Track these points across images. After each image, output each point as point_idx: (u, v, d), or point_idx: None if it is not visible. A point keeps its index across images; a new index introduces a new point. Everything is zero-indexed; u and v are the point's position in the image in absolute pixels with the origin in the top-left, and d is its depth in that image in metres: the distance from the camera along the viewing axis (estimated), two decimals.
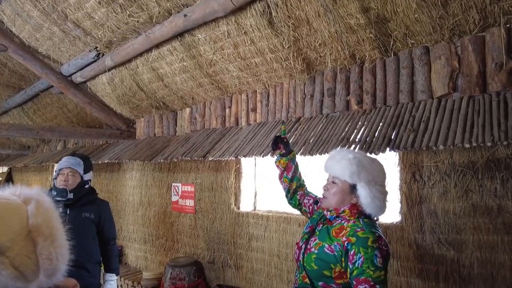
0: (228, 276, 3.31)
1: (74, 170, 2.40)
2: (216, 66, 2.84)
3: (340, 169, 1.42)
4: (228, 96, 3.21)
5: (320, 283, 1.38)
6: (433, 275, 2.11)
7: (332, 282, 1.36)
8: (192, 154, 3.02)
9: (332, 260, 1.35)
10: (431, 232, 2.12)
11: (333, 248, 1.37)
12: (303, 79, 2.60)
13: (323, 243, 1.41)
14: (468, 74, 1.92)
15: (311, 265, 1.40)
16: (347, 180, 1.41)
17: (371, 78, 2.29)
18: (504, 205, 1.89)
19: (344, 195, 1.43)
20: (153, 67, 3.30)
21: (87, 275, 2.28)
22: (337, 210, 1.45)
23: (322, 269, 1.36)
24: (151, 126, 4.18)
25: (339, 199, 1.44)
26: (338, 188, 1.44)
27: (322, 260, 1.37)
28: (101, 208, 2.52)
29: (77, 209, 2.37)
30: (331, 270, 1.35)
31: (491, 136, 1.62)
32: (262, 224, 3.03)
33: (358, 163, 1.40)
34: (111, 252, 2.55)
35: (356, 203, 1.43)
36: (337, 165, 1.44)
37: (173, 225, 3.92)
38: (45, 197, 0.80)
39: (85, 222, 2.37)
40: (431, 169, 2.12)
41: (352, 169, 1.39)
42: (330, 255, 1.36)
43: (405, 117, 2.04)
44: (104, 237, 2.50)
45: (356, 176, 1.39)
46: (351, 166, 1.39)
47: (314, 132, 2.41)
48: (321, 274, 1.37)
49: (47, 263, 0.71)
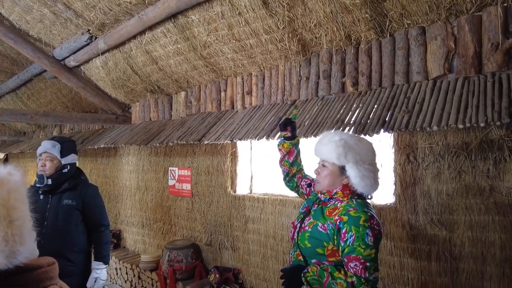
0: (225, 257, 3.36)
1: (50, 155, 2.28)
2: (211, 48, 2.80)
3: (327, 152, 1.45)
4: (223, 79, 3.18)
5: (313, 260, 1.42)
6: (425, 254, 2.15)
7: (324, 260, 1.39)
8: (188, 138, 3.01)
9: (325, 238, 1.38)
10: (424, 213, 2.15)
11: (326, 226, 1.40)
12: (298, 61, 2.57)
13: (316, 222, 1.44)
14: (464, 54, 1.91)
15: (305, 243, 1.43)
16: (335, 162, 1.44)
17: (367, 59, 2.27)
18: (496, 185, 1.91)
19: (335, 177, 1.46)
20: (146, 50, 3.25)
21: (68, 264, 2.18)
22: (329, 192, 1.47)
23: (315, 247, 1.40)
24: (146, 110, 4.16)
25: (330, 182, 1.46)
26: (328, 171, 1.47)
27: (315, 238, 1.40)
28: (85, 194, 2.35)
29: (57, 196, 2.24)
30: (324, 248, 1.38)
31: (485, 116, 1.62)
32: (258, 206, 3.05)
33: (344, 145, 1.42)
34: (99, 239, 2.41)
35: (347, 183, 1.45)
36: (324, 149, 1.47)
37: (170, 209, 3.95)
38: (15, 177, 0.77)
39: (65, 209, 2.23)
40: (425, 150, 2.13)
41: (338, 151, 1.41)
42: (323, 233, 1.39)
43: (400, 99, 2.03)
44: (91, 223, 2.37)
45: (343, 158, 1.41)
46: (337, 148, 1.42)
47: (309, 114, 2.40)
48: (314, 252, 1.40)
49: (2, 244, 0.70)
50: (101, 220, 2.45)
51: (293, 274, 1.39)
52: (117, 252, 4.49)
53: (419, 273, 2.17)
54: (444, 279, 2.08)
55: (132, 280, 3.98)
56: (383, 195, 2.38)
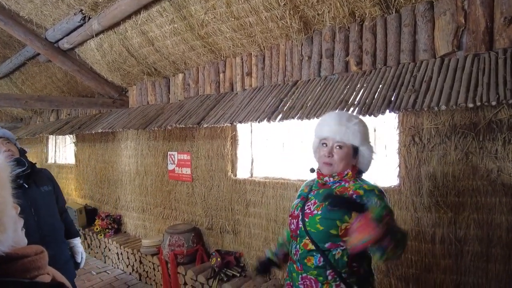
0: (226, 241, 3.35)
1: (8, 140, 2.10)
2: (208, 27, 2.69)
3: (350, 133, 1.39)
4: (222, 60, 3.08)
5: (326, 244, 1.35)
6: (429, 237, 2.12)
7: (339, 241, 1.34)
8: (186, 122, 2.94)
9: (338, 216, 1.32)
10: (429, 195, 2.10)
11: None
12: (300, 39, 2.47)
13: (325, 203, 1.35)
14: (475, 30, 1.82)
15: (316, 226, 1.36)
16: (356, 143, 1.40)
17: (371, 37, 2.17)
18: (504, 167, 1.86)
19: (349, 158, 1.42)
20: (142, 31, 3.14)
21: (66, 248, 2.20)
22: (341, 174, 1.42)
23: (328, 229, 1.33)
24: (143, 94, 4.07)
25: (345, 164, 1.41)
26: (344, 152, 1.40)
27: (328, 218, 1.34)
28: (51, 178, 2.31)
29: (34, 184, 2.11)
30: (337, 228, 1.32)
31: (496, 94, 1.55)
32: (259, 190, 3.01)
33: (364, 126, 1.42)
34: (69, 218, 2.40)
35: (355, 164, 1.44)
36: (346, 130, 1.39)
37: (170, 193, 3.92)
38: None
39: (47, 195, 2.16)
40: (431, 131, 2.07)
41: (363, 132, 1.40)
42: (336, 211, 1.32)
43: (406, 78, 1.96)
44: (60, 205, 2.32)
45: (364, 139, 1.41)
46: (360, 129, 1.39)
47: (311, 95, 2.32)
48: (328, 234, 1.34)
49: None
50: (64, 199, 2.45)
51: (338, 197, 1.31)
52: (118, 237, 4.50)
53: (423, 255, 2.15)
54: (448, 261, 2.06)
55: (134, 265, 4.00)
56: (387, 177, 2.34)
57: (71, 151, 6.26)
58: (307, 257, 1.39)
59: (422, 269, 2.15)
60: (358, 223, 1.13)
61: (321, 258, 1.35)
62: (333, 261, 1.34)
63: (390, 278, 2.29)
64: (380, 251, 1.15)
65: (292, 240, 1.51)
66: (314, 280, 1.37)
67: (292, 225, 1.48)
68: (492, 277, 1.92)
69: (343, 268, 1.34)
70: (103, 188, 5.14)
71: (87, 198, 5.59)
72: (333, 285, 1.34)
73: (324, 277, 1.35)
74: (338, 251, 1.35)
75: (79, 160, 5.74)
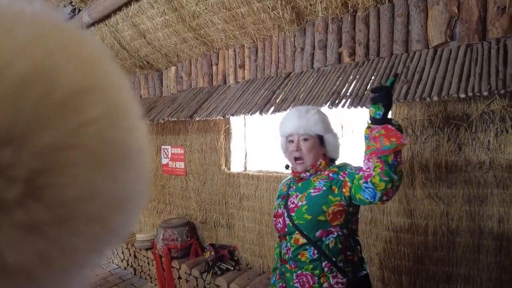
0: (220, 235, 3.34)
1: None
2: (200, 18, 2.65)
3: (311, 124, 1.44)
4: (215, 52, 3.04)
5: (317, 233, 1.35)
6: (422, 229, 2.11)
7: (329, 226, 1.34)
8: (179, 115, 2.91)
9: (323, 200, 1.34)
10: (421, 187, 2.09)
11: (319, 187, 1.38)
12: (292, 30, 2.44)
13: (308, 192, 1.40)
14: (468, 20, 1.79)
15: (304, 217, 1.36)
16: (320, 132, 1.44)
17: (364, 28, 2.15)
18: (496, 158, 1.85)
19: (317, 148, 1.46)
20: (133, 23, 3.09)
21: None
22: (314, 165, 1.45)
23: (316, 216, 1.34)
24: (136, 87, 4.02)
25: (314, 154, 1.45)
26: (311, 143, 1.45)
27: (313, 205, 1.35)
28: None
29: None
30: (325, 213, 1.33)
31: (488, 85, 1.53)
32: (253, 184, 3.00)
33: (323, 115, 1.47)
34: None
35: (325, 153, 1.48)
36: (306, 122, 1.44)
37: (164, 187, 3.90)
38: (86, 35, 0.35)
39: None
40: (424, 123, 2.05)
41: (323, 121, 1.45)
42: (319, 196, 1.36)
43: (399, 69, 1.93)
44: None
45: (328, 126, 1.46)
46: (320, 118, 1.44)
47: (304, 87, 2.30)
48: (316, 222, 1.34)
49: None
50: None
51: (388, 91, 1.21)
52: None
53: (415, 247, 2.14)
54: (440, 253, 2.06)
55: (128, 260, 3.99)
56: None
57: None
58: (300, 253, 1.38)
59: (415, 261, 2.15)
60: (380, 130, 1.10)
61: (315, 251, 1.34)
62: (328, 251, 1.33)
63: (383, 270, 2.29)
64: (393, 165, 1.10)
65: (281, 240, 1.50)
66: (310, 275, 1.36)
67: (279, 225, 1.48)
68: (483, 269, 1.92)
69: (339, 256, 1.33)
70: None
71: None
72: (329, 276, 1.33)
73: (320, 269, 1.34)
74: (330, 239, 1.34)
75: None
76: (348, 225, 1.36)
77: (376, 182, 1.12)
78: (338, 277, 1.32)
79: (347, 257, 1.34)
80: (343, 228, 1.35)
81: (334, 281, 1.32)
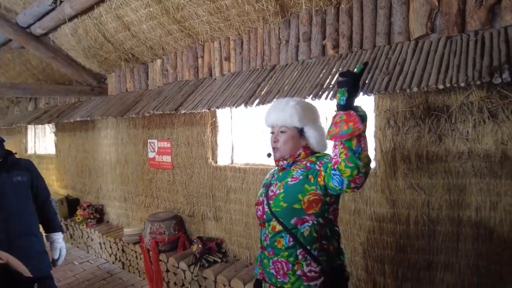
0: (208, 228, 3.35)
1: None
2: (184, 10, 2.62)
3: (287, 116, 1.45)
4: (200, 45, 3.02)
5: (292, 221, 1.37)
6: (404, 219, 2.16)
7: (304, 214, 1.36)
8: (164, 108, 2.89)
9: (299, 189, 1.36)
10: (403, 177, 2.13)
11: (296, 176, 1.40)
12: (277, 22, 2.43)
13: (285, 181, 1.42)
14: (447, 12, 1.82)
15: (280, 205, 1.39)
16: (296, 125, 1.45)
17: (348, 20, 2.16)
18: (474, 148, 1.89)
19: (295, 140, 1.47)
20: (118, 15, 3.04)
21: (37, 241, 2.10)
22: (293, 155, 1.47)
23: (291, 204, 1.36)
24: (122, 81, 3.97)
25: (291, 145, 1.47)
26: (288, 135, 1.47)
27: (290, 193, 1.37)
28: (30, 168, 2.22)
29: (6, 174, 2.03)
30: (300, 201, 1.35)
31: (465, 76, 1.56)
32: (239, 176, 3.01)
33: (302, 107, 1.46)
34: (52, 211, 2.32)
35: (306, 145, 1.49)
36: (283, 114, 1.46)
37: (151, 181, 3.88)
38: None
39: (19, 186, 2.08)
40: (406, 114, 2.08)
41: (299, 114, 1.44)
42: (295, 184, 1.38)
43: (381, 61, 1.95)
44: (40, 197, 2.25)
45: (304, 119, 1.45)
46: (297, 111, 1.44)
47: (288, 80, 2.31)
48: (292, 209, 1.36)
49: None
50: (47, 192, 2.35)
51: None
52: (100, 226, 4.45)
53: (398, 237, 2.19)
54: (422, 242, 2.11)
55: (117, 254, 3.97)
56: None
57: (51, 141, 6.12)
58: (277, 239, 1.41)
59: (397, 250, 2.20)
60: (342, 115, 1.12)
61: (290, 238, 1.37)
62: (302, 239, 1.35)
63: (366, 259, 2.33)
64: (357, 151, 1.11)
65: (261, 228, 1.52)
66: (285, 262, 1.39)
67: (259, 212, 1.51)
68: (461, 256, 1.98)
69: (313, 244, 1.35)
70: (85, 178, 5.06)
71: (68, 188, 5.50)
72: (303, 264, 1.35)
73: (295, 257, 1.36)
74: (305, 227, 1.36)
75: (59, 150, 5.62)
76: (324, 214, 1.37)
77: (342, 168, 1.13)
78: (311, 265, 1.35)
79: (322, 246, 1.36)
80: (318, 217, 1.36)
81: (308, 269, 1.35)
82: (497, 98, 1.79)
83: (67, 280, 3.72)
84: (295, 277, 1.36)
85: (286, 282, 1.38)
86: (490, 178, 1.86)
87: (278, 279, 1.41)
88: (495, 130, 1.82)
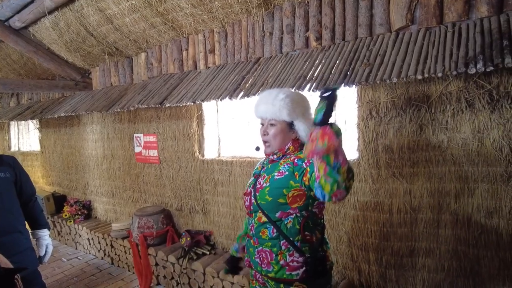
0: (196, 221, 3.37)
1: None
2: (167, 3, 2.59)
3: (276, 110, 1.42)
4: (184, 38, 3.00)
5: (277, 214, 1.40)
6: (387, 207, 2.21)
7: (288, 209, 1.38)
8: (149, 102, 2.87)
9: (284, 184, 1.37)
10: (386, 167, 2.18)
11: (282, 171, 1.41)
12: (261, 15, 2.43)
13: (272, 174, 1.43)
14: (426, 4, 1.85)
15: (265, 198, 1.41)
16: (285, 119, 1.42)
17: (330, 12, 2.17)
18: (453, 137, 1.95)
19: (285, 134, 1.46)
20: (99, 8, 2.99)
21: (23, 238, 2.07)
22: (282, 149, 1.47)
23: (276, 198, 1.38)
24: (107, 75, 3.92)
25: (281, 139, 1.46)
26: (277, 129, 1.45)
27: (275, 188, 1.39)
28: (13, 164, 2.17)
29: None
30: (285, 196, 1.37)
31: (442, 66, 1.60)
32: (226, 169, 3.02)
33: (292, 100, 1.42)
34: (37, 208, 2.28)
35: (296, 137, 1.47)
36: (272, 108, 1.43)
37: (138, 176, 3.87)
38: None
39: (4, 182, 2.04)
40: (387, 105, 2.12)
41: (288, 108, 1.40)
42: (281, 179, 1.39)
43: (363, 52, 1.98)
44: (25, 194, 2.21)
45: (293, 113, 1.41)
46: (286, 104, 1.40)
47: (273, 72, 2.32)
48: (276, 203, 1.38)
49: None
50: (32, 188, 2.31)
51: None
52: (88, 222, 4.42)
53: (381, 225, 2.24)
54: (404, 230, 2.17)
55: (105, 249, 3.96)
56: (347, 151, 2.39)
57: (35, 138, 6.01)
58: (262, 230, 1.44)
59: (381, 238, 2.25)
60: (318, 132, 1.06)
61: (274, 229, 1.40)
62: (286, 231, 1.38)
63: (351, 248, 2.39)
64: (335, 166, 1.08)
65: (248, 217, 1.55)
66: (269, 251, 1.42)
67: (246, 202, 1.54)
68: (442, 242, 2.04)
69: (296, 236, 1.38)
70: (71, 174, 5.00)
71: (55, 185, 5.42)
72: (286, 254, 1.39)
73: (278, 247, 1.39)
74: (289, 219, 1.39)
75: (44, 146, 5.52)
76: (308, 208, 1.40)
77: (322, 183, 1.11)
78: (294, 255, 1.38)
79: (305, 237, 1.39)
80: (302, 210, 1.39)
81: (291, 259, 1.38)
82: (474, 88, 1.84)
83: (56, 277, 3.69)
84: (278, 266, 1.39)
85: (270, 271, 1.41)
86: (468, 166, 1.92)
87: (263, 268, 1.44)
88: (472, 119, 1.87)
